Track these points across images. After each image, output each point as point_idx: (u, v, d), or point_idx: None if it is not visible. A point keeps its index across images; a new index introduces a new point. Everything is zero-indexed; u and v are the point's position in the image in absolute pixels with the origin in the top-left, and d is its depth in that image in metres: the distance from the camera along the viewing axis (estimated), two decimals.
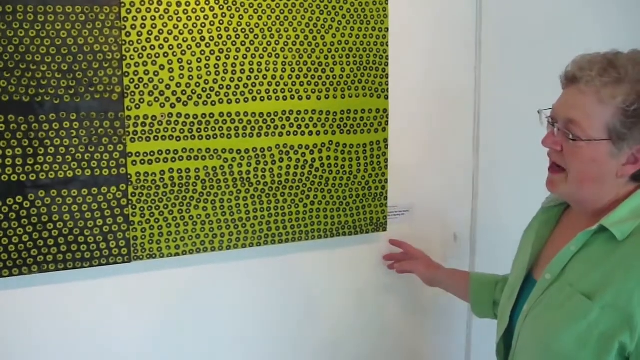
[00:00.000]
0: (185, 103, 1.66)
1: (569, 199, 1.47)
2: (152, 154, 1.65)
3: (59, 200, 1.58)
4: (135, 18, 1.59)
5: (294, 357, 1.93)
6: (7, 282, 1.57)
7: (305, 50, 1.77)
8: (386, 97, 1.88)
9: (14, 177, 1.54)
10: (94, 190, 1.61)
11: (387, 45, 1.87)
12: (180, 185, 1.69)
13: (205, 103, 1.68)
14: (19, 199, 1.55)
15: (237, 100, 1.71)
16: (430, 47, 1.99)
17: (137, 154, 1.63)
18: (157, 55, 1.62)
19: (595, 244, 1.36)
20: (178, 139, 1.67)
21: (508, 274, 1.69)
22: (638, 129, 1.31)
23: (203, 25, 1.66)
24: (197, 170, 1.70)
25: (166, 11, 1.62)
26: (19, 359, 1.62)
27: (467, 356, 2.17)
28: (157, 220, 1.67)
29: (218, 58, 1.68)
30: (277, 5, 1.72)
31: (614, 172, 1.35)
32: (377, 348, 2.03)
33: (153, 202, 1.67)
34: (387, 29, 1.86)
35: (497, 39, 2.08)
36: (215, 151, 1.71)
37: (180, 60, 1.65)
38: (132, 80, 1.61)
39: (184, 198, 1.69)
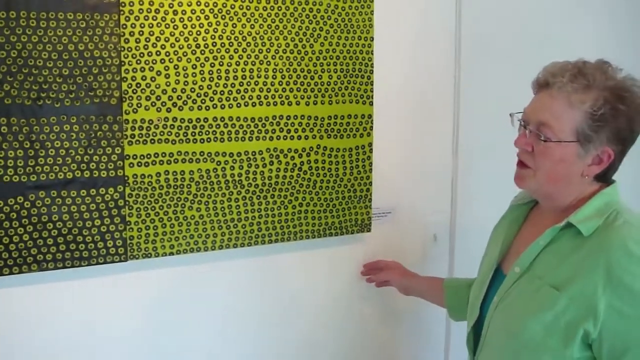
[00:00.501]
0: (180, 108, 1.73)
1: (536, 194, 1.57)
2: (148, 156, 1.71)
3: (58, 201, 1.63)
4: (133, 25, 1.65)
5: (284, 349, 1.99)
6: (8, 280, 1.61)
7: (295, 58, 1.84)
8: (371, 104, 1.96)
9: (15, 178, 1.59)
10: (93, 192, 1.66)
11: (372, 54, 1.95)
12: (175, 187, 1.75)
13: (199, 108, 1.75)
14: (20, 199, 1.60)
15: (230, 106, 1.78)
16: (413, 55, 2.08)
17: (134, 157, 1.69)
18: (154, 62, 1.68)
19: (562, 239, 1.46)
20: (173, 142, 1.73)
21: None
22: (603, 132, 1.42)
23: (198, 33, 1.72)
24: (191, 173, 1.76)
25: (163, 19, 1.68)
26: (19, 355, 1.66)
27: (446, 356, 2.26)
28: (152, 221, 1.73)
29: (212, 65, 1.75)
30: (269, 15, 1.79)
31: (580, 172, 1.45)
32: (358, 343, 2.11)
33: (149, 203, 1.72)
34: (372, 38, 1.94)
35: (475, 49, 2.17)
36: (209, 154, 1.77)
37: (176, 67, 1.71)
38: (130, 85, 1.67)
39: (179, 199, 1.75)
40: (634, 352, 1.35)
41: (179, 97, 1.72)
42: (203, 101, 1.75)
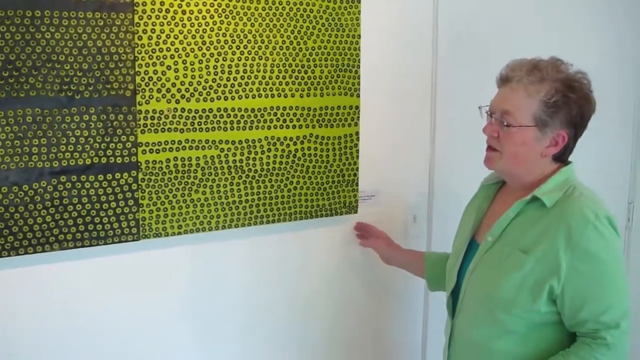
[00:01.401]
0: (188, 99, 1.88)
1: (503, 174, 1.79)
2: (159, 144, 1.85)
3: (78, 185, 1.77)
4: (146, 24, 1.79)
5: (280, 313, 2.16)
6: (32, 259, 1.75)
7: (290, 54, 2.01)
8: (358, 96, 2.13)
9: (39, 164, 1.72)
10: (109, 176, 1.81)
11: (359, 50, 2.12)
12: (183, 172, 1.90)
13: (205, 99, 1.90)
14: (43, 184, 1.73)
15: (232, 97, 1.94)
16: (394, 51, 2.24)
17: (147, 144, 1.84)
18: (164, 57, 1.83)
19: (528, 211, 1.69)
20: (182, 131, 1.88)
21: None
22: (557, 117, 1.66)
23: (204, 31, 1.87)
24: (197, 159, 1.91)
25: (173, 18, 1.82)
26: (46, 328, 1.80)
27: (425, 324, 2.46)
28: (162, 203, 1.88)
29: (216, 60, 1.90)
30: (267, 14, 1.95)
31: (539, 153, 1.69)
32: (345, 310, 2.28)
33: (160, 186, 1.87)
34: (359, 35, 2.11)
35: (449, 47, 2.35)
36: (213, 142, 1.93)
37: (184, 62, 1.86)
38: (143, 79, 1.81)
39: (186, 183, 1.91)
40: (590, 304, 1.60)
41: (187, 90, 1.87)
42: (208, 93, 1.90)
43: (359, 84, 2.13)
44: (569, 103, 1.64)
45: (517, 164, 1.71)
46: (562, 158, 1.72)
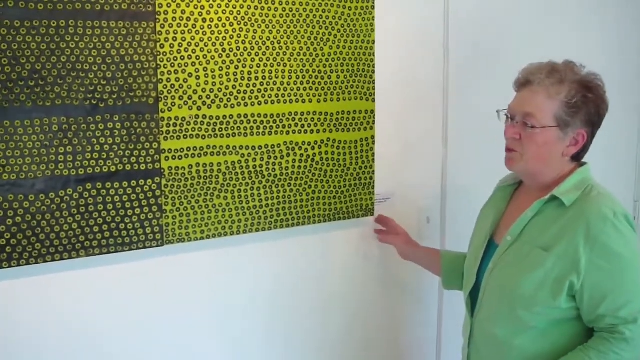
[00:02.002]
0: (209, 106, 1.90)
1: (523, 174, 1.83)
2: (181, 150, 1.88)
3: (103, 192, 1.80)
4: (168, 32, 1.82)
5: (302, 313, 2.19)
6: (58, 266, 1.77)
7: (308, 60, 2.04)
8: (373, 100, 2.17)
9: (65, 172, 1.74)
10: (133, 183, 1.83)
11: (374, 55, 2.16)
12: (205, 178, 1.92)
13: (225, 106, 1.93)
14: (69, 191, 1.76)
15: (252, 104, 1.97)
16: (407, 57, 2.28)
17: (170, 151, 1.86)
18: (186, 65, 1.86)
19: (547, 210, 1.73)
20: (203, 137, 1.91)
21: None
22: (578, 117, 1.71)
23: (224, 38, 1.90)
24: (219, 165, 1.94)
25: (194, 26, 1.85)
26: (68, 332, 1.82)
27: (439, 323, 2.50)
28: (185, 209, 1.90)
29: (236, 67, 1.93)
30: (285, 21, 1.98)
31: (561, 153, 1.74)
32: (363, 307, 2.31)
33: (182, 192, 1.90)
34: (374, 41, 2.15)
35: (460, 53, 2.39)
36: (234, 147, 1.96)
37: (205, 69, 1.88)
38: (165, 86, 1.84)
39: (208, 189, 1.93)
40: (608, 300, 1.64)
41: (208, 97, 1.90)
42: (229, 100, 1.93)
43: (373, 89, 2.17)
44: (587, 103, 1.70)
45: (539, 164, 1.75)
46: (578, 157, 1.77)
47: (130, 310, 1.90)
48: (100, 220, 1.80)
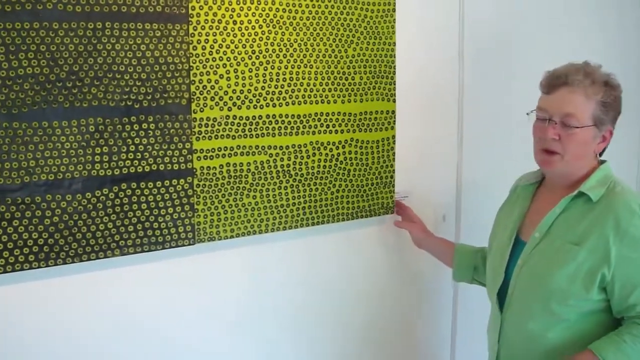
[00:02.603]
0: (239, 107, 1.93)
1: (558, 174, 1.87)
2: (213, 150, 1.91)
3: (137, 192, 1.82)
4: (200, 34, 1.85)
5: (325, 305, 2.24)
6: (94, 265, 1.79)
7: (332, 62, 2.07)
8: (394, 101, 2.22)
9: (101, 172, 1.76)
10: (166, 183, 1.86)
11: (394, 57, 2.20)
12: (235, 177, 1.96)
13: (255, 107, 1.96)
14: (105, 191, 1.78)
15: (280, 104, 2.00)
16: (425, 58, 2.33)
17: (201, 151, 1.89)
18: (217, 66, 1.89)
19: (574, 206, 1.80)
20: (234, 137, 1.94)
21: (484, 246, 2.11)
22: (609, 116, 1.80)
23: (254, 40, 1.93)
24: (248, 164, 1.97)
25: (225, 28, 1.88)
26: (105, 327, 1.85)
27: (454, 317, 2.56)
28: (216, 208, 1.93)
29: (265, 68, 1.96)
30: (311, 24, 2.02)
31: (593, 150, 1.82)
32: (381, 301, 2.36)
33: (213, 192, 1.93)
34: (395, 43, 2.19)
35: (475, 58, 2.46)
36: (263, 147, 1.99)
37: (235, 70, 1.91)
38: (197, 88, 1.87)
39: (238, 188, 1.96)
40: (639, 289, 1.70)
41: (238, 97, 1.93)
42: (258, 101, 1.96)
43: (394, 90, 2.21)
44: (616, 101, 1.79)
45: (577, 163, 1.81)
46: (601, 153, 1.84)
47: (162, 308, 1.92)
48: (134, 220, 1.82)
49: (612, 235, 1.71)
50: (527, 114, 1.89)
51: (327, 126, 2.10)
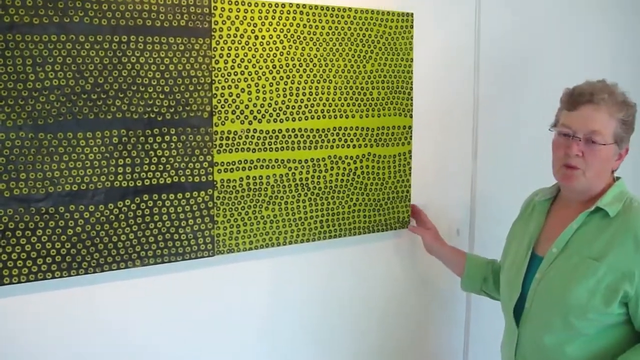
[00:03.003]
0: (259, 120, 1.96)
1: (577, 189, 1.88)
2: (233, 163, 1.93)
3: (159, 203, 1.84)
4: (222, 48, 1.87)
5: (342, 315, 2.25)
6: (115, 275, 1.81)
7: (351, 77, 2.10)
8: (411, 116, 2.24)
9: (124, 184, 1.79)
10: (187, 194, 1.87)
11: (412, 73, 2.23)
12: (255, 190, 1.97)
13: (275, 120, 1.98)
14: (127, 202, 1.80)
15: (300, 118, 2.02)
16: (443, 73, 2.36)
17: (222, 164, 1.91)
18: (239, 80, 1.91)
19: (591, 222, 1.82)
20: (254, 150, 1.96)
21: (495, 259, 2.13)
22: (628, 134, 1.84)
23: (274, 55, 1.96)
24: (267, 177, 1.99)
25: (247, 43, 1.91)
26: (126, 337, 1.86)
27: (467, 331, 2.57)
28: (235, 220, 1.95)
29: (285, 83, 1.98)
30: (331, 39, 2.05)
31: (611, 166, 1.84)
32: (395, 310, 2.37)
33: (233, 204, 1.94)
34: (412, 59, 2.22)
35: (490, 74, 2.48)
36: (282, 161, 2.01)
37: (256, 85, 1.94)
38: (219, 101, 1.89)
39: (257, 201, 1.98)
40: None
41: (259, 111, 1.95)
42: (278, 115, 1.99)
43: (411, 105, 2.23)
44: (633, 121, 1.81)
45: (597, 179, 1.83)
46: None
47: (182, 318, 1.94)
48: (155, 231, 1.84)
49: (632, 252, 1.72)
50: (550, 129, 1.91)
51: (345, 140, 2.12)
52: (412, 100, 2.23)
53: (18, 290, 1.71)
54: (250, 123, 1.94)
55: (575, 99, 1.85)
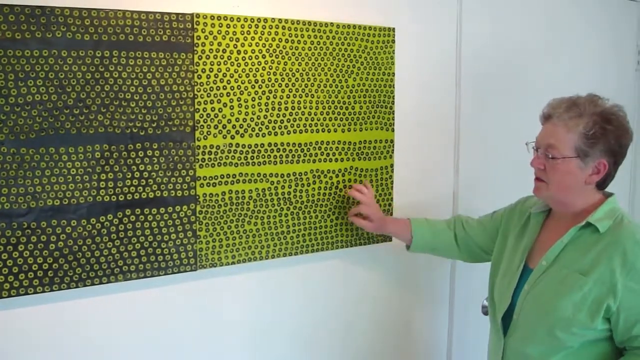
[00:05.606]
0: (242, 135, 1.97)
1: (551, 202, 1.93)
2: (215, 177, 1.94)
3: (141, 218, 1.84)
4: (205, 63, 1.88)
5: (328, 322, 2.26)
6: (97, 290, 1.81)
7: (333, 92, 2.11)
8: (392, 130, 2.26)
9: (106, 198, 1.79)
10: (170, 209, 1.88)
11: (394, 87, 2.24)
12: (237, 204, 1.98)
13: (257, 135, 1.99)
14: (110, 217, 1.80)
15: (282, 133, 2.03)
16: (424, 87, 2.37)
17: (204, 178, 1.92)
18: (221, 95, 1.92)
19: (580, 237, 1.83)
20: (236, 165, 1.97)
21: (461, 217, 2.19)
22: (597, 148, 1.81)
23: (257, 70, 1.97)
24: (250, 192, 2.00)
25: (229, 58, 1.92)
26: (108, 352, 1.86)
27: (450, 340, 2.58)
28: (218, 234, 1.96)
29: (267, 97, 2.00)
30: (313, 54, 2.06)
31: (583, 181, 1.84)
32: (383, 317, 2.39)
33: (215, 218, 1.95)
34: (394, 73, 2.24)
35: (471, 88, 2.50)
36: (264, 175, 2.02)
37: (239, 99, 1.95)
38: (201, 115, 1.90)
39: (239, 215, 1.99)
40: None
41: (241, 126, 1.96)
42: (260, 129, 2.00)
43: (393, 119, 2.25)
44: (606, 134, 1.79)
45: (564, 192, 1.85)
46: (604, 185, 1.87)
47: (164, 333, 1.93)
48: (137, 246, 1.84)
49: (619, 268, 1.74)
50: (526, 144, 1.93)
51: (328, 154, 2.13)
52: (394, 114, 2.25)
53: (0, 305, 1.70)
54: (232, 137, 1.95)
55: (542, 114, 1.89)
